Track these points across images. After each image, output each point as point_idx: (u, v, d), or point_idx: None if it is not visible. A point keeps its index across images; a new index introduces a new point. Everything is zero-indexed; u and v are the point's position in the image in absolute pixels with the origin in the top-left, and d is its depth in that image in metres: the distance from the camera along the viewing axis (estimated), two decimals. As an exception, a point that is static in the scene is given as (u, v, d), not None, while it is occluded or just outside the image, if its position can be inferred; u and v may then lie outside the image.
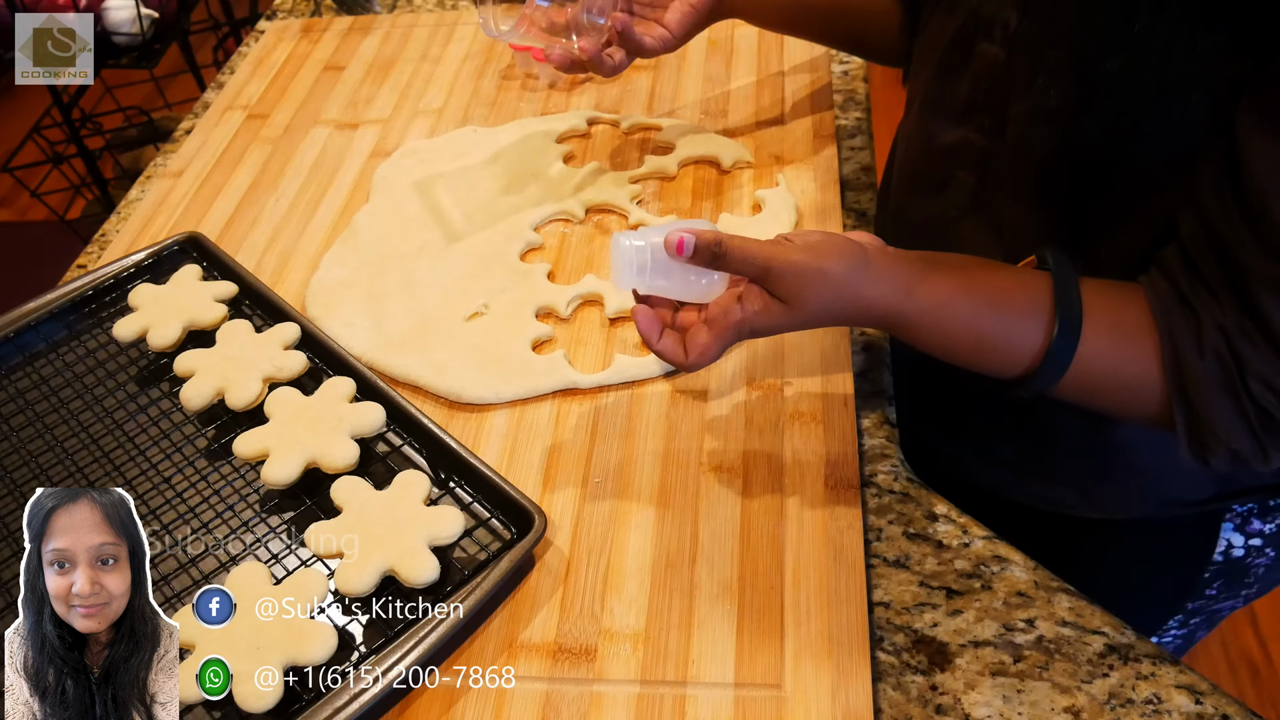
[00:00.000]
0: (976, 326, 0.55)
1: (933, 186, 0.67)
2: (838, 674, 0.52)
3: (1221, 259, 0.51)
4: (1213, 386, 0.51)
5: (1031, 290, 0.55)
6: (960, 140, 0.64)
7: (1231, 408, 0.51)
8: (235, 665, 0.51)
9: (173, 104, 2.33)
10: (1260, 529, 0.70)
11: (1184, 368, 0.52)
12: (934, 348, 0.56)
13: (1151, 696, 0.52)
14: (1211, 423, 0.52)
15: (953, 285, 0.55)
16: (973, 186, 0.64)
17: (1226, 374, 0.51)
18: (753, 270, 0.54)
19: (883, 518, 0.61)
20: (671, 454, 0.63)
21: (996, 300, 0.55)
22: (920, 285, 0.55)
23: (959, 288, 0.55)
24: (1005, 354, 0.55)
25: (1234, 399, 0.51)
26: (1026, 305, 0.54)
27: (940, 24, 0.67)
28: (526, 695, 0.52)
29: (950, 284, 0.55)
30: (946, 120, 0.65)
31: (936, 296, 0.55)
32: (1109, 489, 0.70)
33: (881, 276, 0.55)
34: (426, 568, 0.55)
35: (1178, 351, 0.52)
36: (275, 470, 0.60)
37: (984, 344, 0.55)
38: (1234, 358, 0.51)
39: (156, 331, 0.70)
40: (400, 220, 0.82)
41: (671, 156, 0.85)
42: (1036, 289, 0.55)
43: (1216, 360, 0.51)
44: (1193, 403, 0.52)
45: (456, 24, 1.09)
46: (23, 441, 0.67)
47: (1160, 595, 0.76)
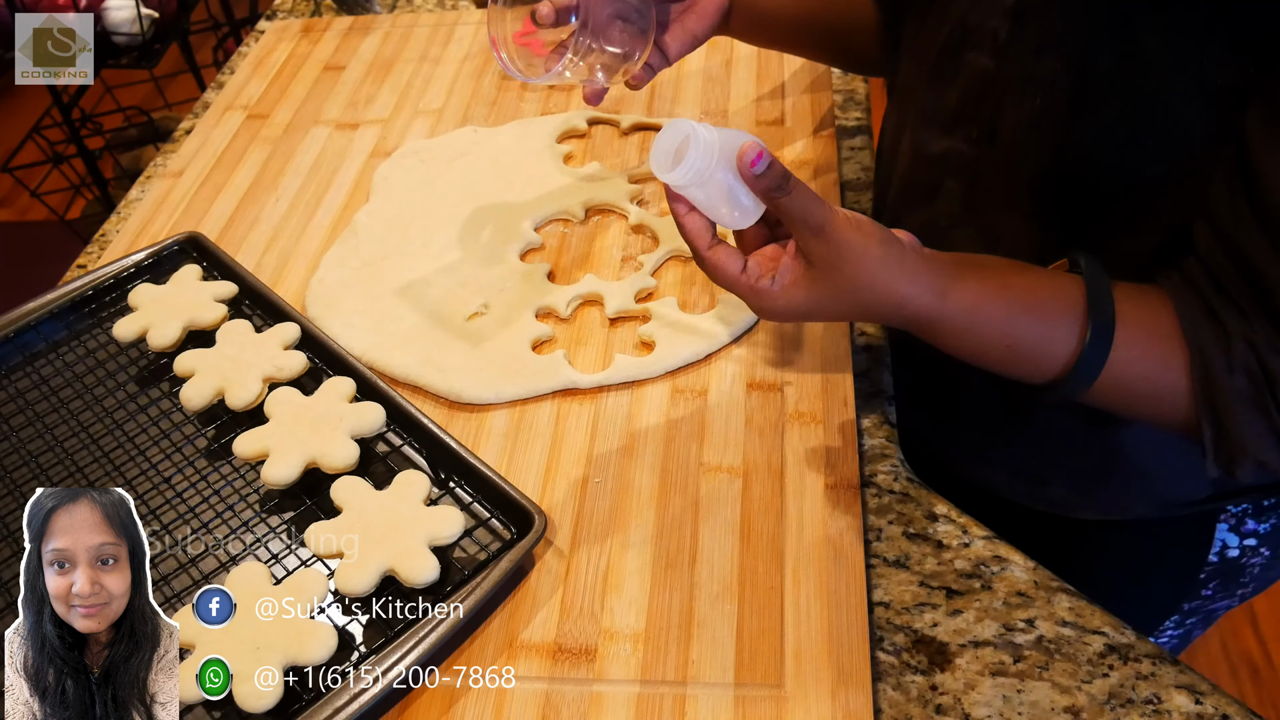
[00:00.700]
0: (1009, 332, 0.54)
1: (924, 195, 0.67)
2: (838, 674, 0.52)
3: (1244, 274, 0.50)
4: (1243, 402, 0.51)
5: (1064, 295, 0.54)
6: (949, 149, 0.64)
7: (1261, 423, 0.51)
8: (235, 665, 0.51)
9: (173, 104, 2.33)
10: (1255, 529, 0.70)
11: (1213, 383, 0.51)
12: (964, 351, 0.55)
13: (1151, 696, 0.52)
14: (1241, 439, 0.52)
15: (986, 288, 0.54)
16: (963, 195, 0.64)
17: (1257, 390, 0.51)
18: (812, 220, 0.51)
19: (883, 518, 0.61)
20: (671, 454, 0.63)
21: (1029, 305, 0.54)
22: (954, 287, 0.53)
23: (992, 291, 0.54)
24: (1037, 359, 0.54)
25: (1264, 414, 0.51)
26: (1059, 310, 0.53)
27: (928, 34, 0.66)
28: (526, 695, 0.52)
29: (983, 287, 0.54)
30: (935, 130, 0.65)
31: (969, 299, 0.54)
32: (1107, 489, 0.70)
33: (917, 274, 0.53)
34: (426, 568, 0.55)
35: (1207, 366, 0.51)
36: (275, 470, 0.60)
37: (1016, 349, 0.54)
38: (1264, 373, 0.50)
39: (156, 331, 0.70)
40: (400, 220, 0.82)
41: (671, 156, 0.85)
42: (1069, 293, 0.54)
43: (1246, 376, 0.51)
44: (1222, 418, 0.52)
45: (456, 24, 1.09)
46: (23, 441, 0.67)
47: (1157, 596, 0.76)
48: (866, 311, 0.54)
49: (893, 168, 0.72)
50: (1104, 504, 0.71)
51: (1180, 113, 0.51)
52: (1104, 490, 0.70)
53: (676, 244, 0.77)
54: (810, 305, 0.53)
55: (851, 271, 0.52)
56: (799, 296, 0.53)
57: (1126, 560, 0.74)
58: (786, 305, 0.53)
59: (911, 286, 0.53)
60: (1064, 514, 0.73)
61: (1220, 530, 0.70)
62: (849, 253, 0.51)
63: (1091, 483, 0.70)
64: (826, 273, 0.52)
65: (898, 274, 0.53)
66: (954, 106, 0.63)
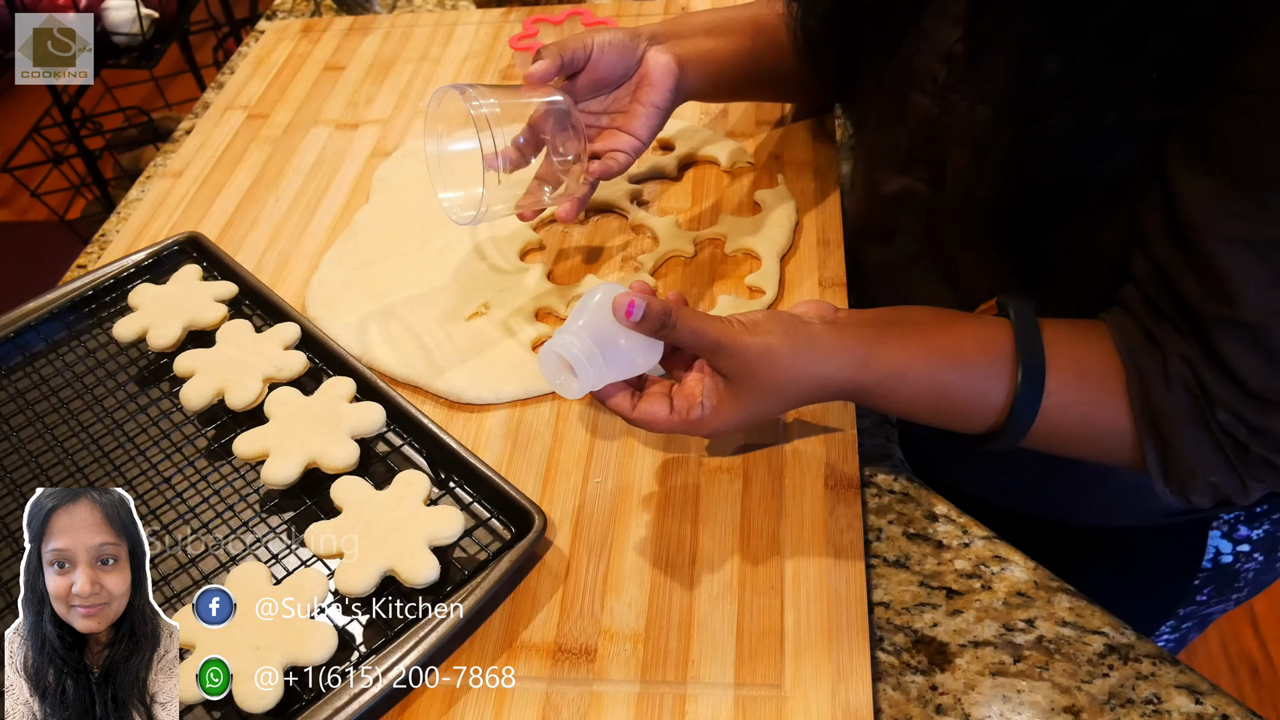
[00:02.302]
0: (937, 388, 0.54)
1: (882, 235, 0.67)
2: (838, 674, 0.52)
3: (1173, 295, 0.51)
4: (1183, 418, 0.51)
5: (992, 344, 0.54)
6: (904, 189, 0.64)
7: (1205, 439, 0.51)
8: (235, 665, 0.51)
9: (173, 104, 2.33)
10: (1248, 535, 0.70)
11: (1152, 400, 0.51)
12: (896, 412, 0.56)
13: (1151, 696, 0.52)
14: (1186, 456, 0.51)
15: (909, 349, 0.54)
16: (920, 234, 0.64)
17: (1195, 404, 0.51)
18: (706, 341, 0.52)
19: (883, 518, 0.61)
20: (671, 454, 0.63)
21: (956, 359, 0.54)
22: (876, 353, 0.53)
23: (916, 350, 0.54)
24: (969, 412, 0.54)
25: (1206, 429, 0.51)
26: (987, 361, 0.53)
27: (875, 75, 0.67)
28: (526, 695, 0.52)
29: (907, 348, 0.54)
30: (889, 170, 0.65)
31: (892, 364, 0.53)
32: (1092, 505, 0.70)
33: (833, 351, 0.53)
34: (426, 568, 0.55)
35: (1145, 384, 0.52)
36: (275, 470, 0.60)
37: (946, 404, 0.54)
38: (1201, 388, 0.50)
39: (156, 331, 0.70)
40: (400, 220, 0.82)
41: (671, 156, 0.85)
42: (997, 342, 0.54)
43: (1185, 391, 0.51)
44: (1164, 436, 0.52)
45: (456, 24, 1.09)
46: (23, 441, 0.67)
47: (1152, 601, 0.76)
48: (798, 400, 0.55)
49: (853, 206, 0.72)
50: (1092, 517, 0.71)
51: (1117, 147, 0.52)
52: (1090, 506, 0.70)
53: (676, 244, 0.77)
54: (744, 416, 0.54)
55: (765, 374, 0.52)
56: (730, 412, 0.53)
57: (1120, 566, 0.74)
58: (725, 423, 0.54)
59: (828, 365, 0.53)
60: (1055, 521, 0.73)
61: (1213, 537, 0.70)
62: (754, 358, 0.52)
63: (1077, 499, 0.70)
64: (744, 383, 0.52)
65: (810, 359, 0.53)
66: (905, 148, 0.63)
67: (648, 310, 0.51)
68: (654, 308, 0.51)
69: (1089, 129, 0.51)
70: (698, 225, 0.79)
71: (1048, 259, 0.59)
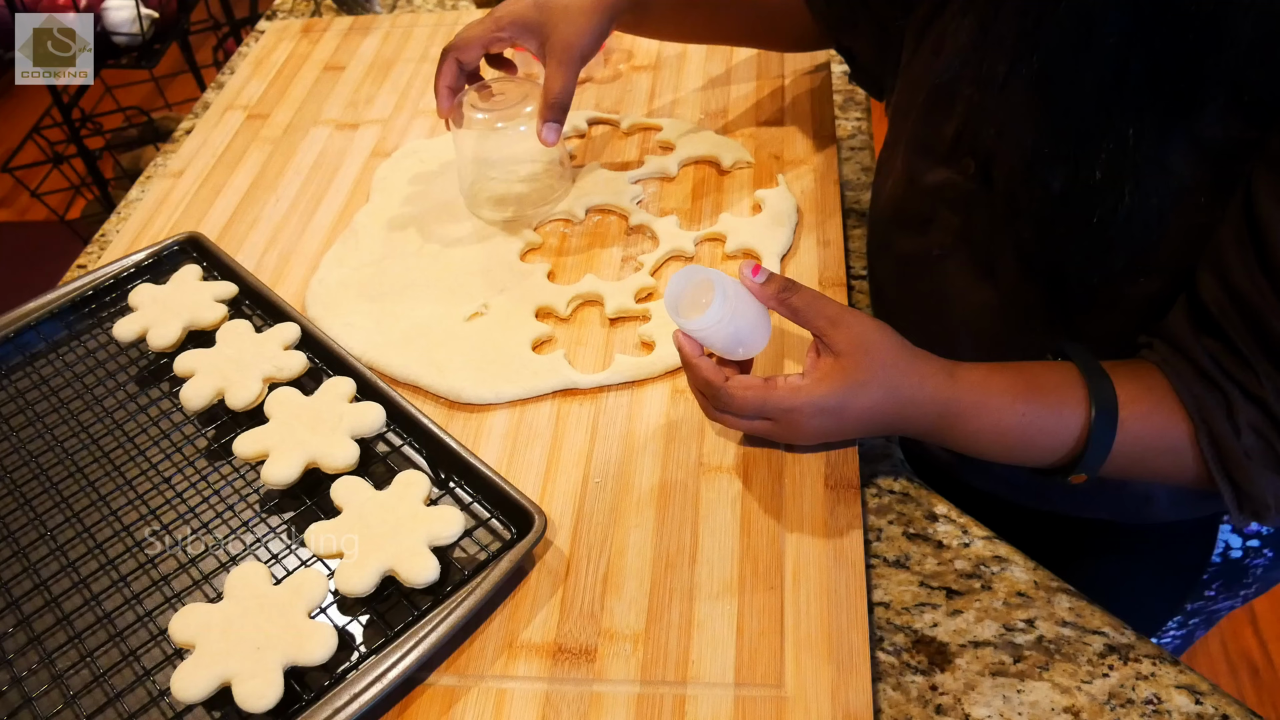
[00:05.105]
0: (1020, 409, 0.55)
1: (918, 223, 0.67)
2: (838, 674, 0.52)
3: (1254, 328, 0.50)
4: (1256, 461, 0.51)
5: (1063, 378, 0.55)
6: (945, 181, 0.64)
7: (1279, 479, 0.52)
8: (235, 665, 0.51)
9: (173, 104, 2.33)
10: (1258, 530, 0.70)
11: (1221, 447, 0.52)
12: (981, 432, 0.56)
13: (1151, 696, 0.52)
14: (1262, 495, 0.52)
15: (988, 370, 0.56)
16: (958, 227, 0.64)
17: (1268, 446, 0.51)
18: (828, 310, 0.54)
19: (883, 518, 0.61)
20: (671, 454, 0.63)
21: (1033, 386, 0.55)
22: (958, 369, 0.55)
23: (994, 372, 0.56)
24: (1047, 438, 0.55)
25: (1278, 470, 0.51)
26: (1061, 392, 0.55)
27: (924, 61, 0.66)
28: (526, 695, 0.52)
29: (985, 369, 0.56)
30: (932, 159, 0.65)
31: (977, 377, 0.55)
32: (1104, 500, 0.70)
33: (926, 356, 0.55)
34: (426, 568, 0.55)
35: (1213, 431, 0.52)
36: (275, 470, 0.60)
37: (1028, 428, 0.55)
38: (1274, 428, 0.51)
39: (156, 332, 0.70)
40: (400, 220, 0.82)
41: (671, 156, 0.85)
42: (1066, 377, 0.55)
43: (1255, 435, 0.51)
44: (1237, 480, 0.52)
45: (456, 24, 1.09)
46: (23, 441, 0.67)
47: (1160, 597, 0.76)
48: (896, 392, 0.55)
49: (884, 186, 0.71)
50: (1103, 511, 0.71)
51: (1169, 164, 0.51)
52: (1101, 500, 0.70)
53: (676, 244, 0.77)
54: (845, 395, 0.54)
55: (878, 352, 0.53)
56: (834, 386, 0.54)
57: (1130, 561, 0.74)
58: (823, 396, 0.54)
59: (926, 364, 0.55)
60: (1064, 515, 0.73)
61: (1223, 531, 0.70)
62: (871, 334, 0.53)
63: (1090, 494, 0.70)
64: (856, 357, 0.53)
65: (910, 352, 0.54)
66: (950, 138, 0.63)
67: (772, 273, 0.55)
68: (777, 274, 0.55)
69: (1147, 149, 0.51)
70: (698, 225, 0.79)
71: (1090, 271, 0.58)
